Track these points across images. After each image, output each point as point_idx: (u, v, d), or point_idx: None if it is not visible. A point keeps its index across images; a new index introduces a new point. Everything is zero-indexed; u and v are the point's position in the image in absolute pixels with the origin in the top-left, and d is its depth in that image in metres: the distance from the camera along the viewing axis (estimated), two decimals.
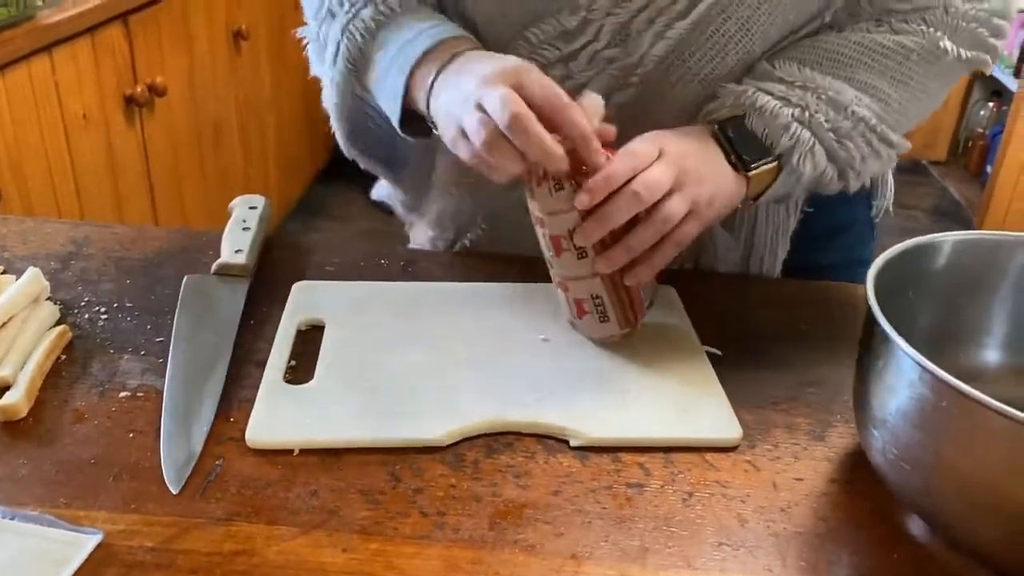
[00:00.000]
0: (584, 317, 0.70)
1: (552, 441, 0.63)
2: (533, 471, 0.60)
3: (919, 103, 0.77)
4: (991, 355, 0.63)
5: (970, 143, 3.70)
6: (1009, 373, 0.62)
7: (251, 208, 0.87)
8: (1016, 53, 3.13)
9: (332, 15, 0.78)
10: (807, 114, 0.72)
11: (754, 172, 0.71)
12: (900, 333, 0.51)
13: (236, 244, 0.81)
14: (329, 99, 0.84)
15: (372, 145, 0.88)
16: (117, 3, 1.78)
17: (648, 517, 0.57)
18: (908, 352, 0.49)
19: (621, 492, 0.59)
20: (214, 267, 0.79)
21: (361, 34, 0.76)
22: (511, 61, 0.66)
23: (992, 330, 0.62)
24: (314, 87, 0.89)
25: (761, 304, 0.81)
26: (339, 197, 3.18)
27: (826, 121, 0.72)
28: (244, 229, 0.84)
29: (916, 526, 0.57)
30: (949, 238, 0.60)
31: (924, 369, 0.48)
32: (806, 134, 0.71)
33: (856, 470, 0.61)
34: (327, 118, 0.88)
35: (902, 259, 0.58)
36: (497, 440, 0.63)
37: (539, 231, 0.68)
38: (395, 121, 0.75)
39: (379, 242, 3.00)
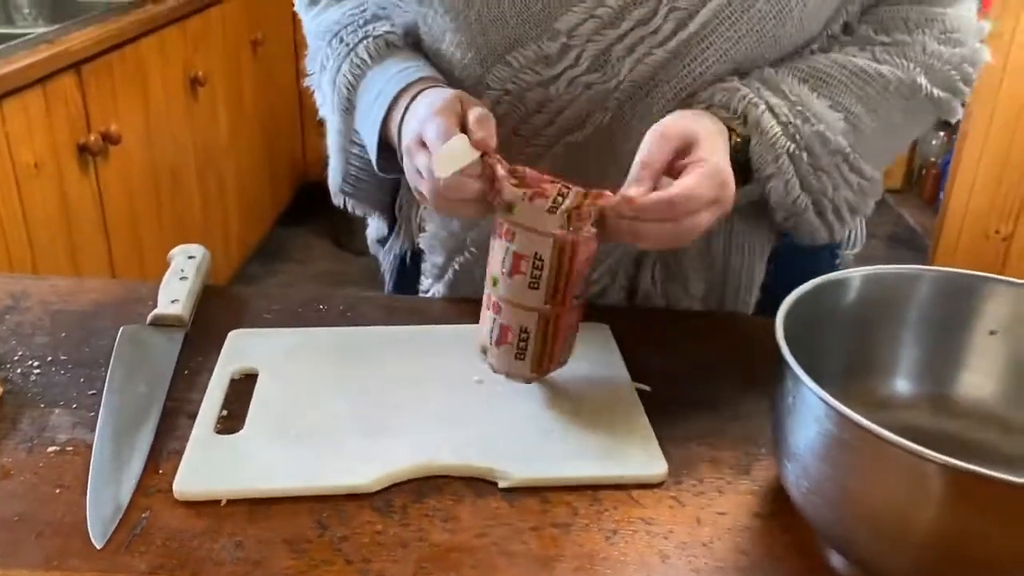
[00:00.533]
0: (502, 346, 0.69)
1: (481, 483, 0.63)
2: (461, 514, 0.61)
3: (887, 138, 0.79)
4: (902, 385, 0.64)
5: (923, 171, 3.78)
6: (920, 402, 0.64)
7: (189, 258, 0.88)
8: None
9: (324, 68, 0.86)
10: (798, 150, 0.74)
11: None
12: (813, 368, 0.52)
13: (173, 294, 0.82)
14: (333, 143, 0.90)
15: (365, 188, 0.92)
16: (69, 53, 1.79)
17: (573, 556, 0.57)
18: (812, 388, 0.51)
19: (547, 532, 0.59)
20: (150, 318, 0.79)
21: (346, 87, 0.83)
22: (445, 96, 0.71)
23: (902, 360, 0.64)
24: (272, 131, 0.94)
25: (690, 338, 0.82)
26: (300, 240, 3.18)
27: (808, 156, 0.75)
28: (181, 279, 0.84)
29: (835, 559, 0.58)
30: (857, 274, 0.62)
31: (827, 404, 0.50)
32: (789, 167, 0.74)
33: (779, 503, 0.62)
34: (288, 161, 0.93)
35: (814, 295, 0.60)
36: (426, 484, 0.63)
37: (500, 243, 0.67)
38: (374, 163, 0.82)
39: (338, 284, 2.98)
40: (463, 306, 0.86)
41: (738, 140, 0.74)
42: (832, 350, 0.62)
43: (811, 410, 0.52)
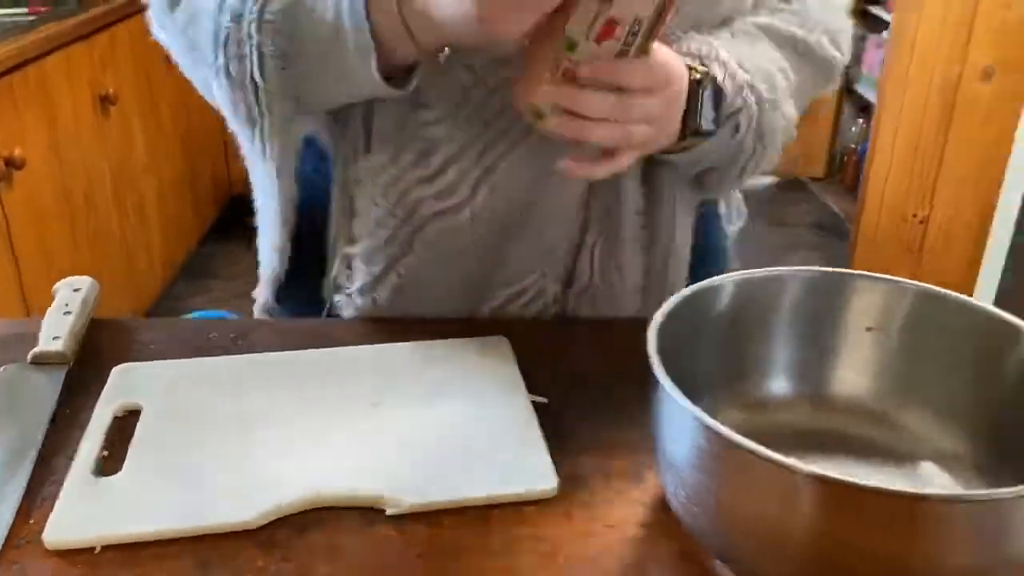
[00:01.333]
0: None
1: (370, 512, 0.62)
2: (347, 546, 0.59)
3: (800, 95, 0.82)
4: (781, 386, 0.65)
5: (844, 158, 3.87)
6: (800, 401, 0.65)
7: (75, 291, 0.85)
8: (878, 70, 3.30)
9: (238, 20, 0.71)
10: (755, 81, 0.76)
11: (692, 139, 0.75)
12: (691, 375, 0.52)
13: (54, 330, 0.79)
14: (270, 136, 0.76)
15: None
16: None
17: None
18: (679, 400, 0.51)
19: (435, 558, 0.58)
20: (30, 356, 0.77)
21: (276, 14, 0.70)
22: None
23: (779, 361, 0.65)
24: (193, 146, 0.88)
25: (593, 347, 0.82)
26: (226, 257, 3.13)
27: (767, 91, 0.76)
28: (65, 313, 0.82)
29: (721, 567, 0.58)
30: (729, 279, 0.62)
31: (695, 416, 0.50)
32: (752, 100, 0.75)
33: (666, 512, 0.62)
34: (211, 175, 0.86)
35: (687, 304, 0.60)
36: (312, 516, 0.62)
37: (590, 13, 0.60)
38: (373, 70, 0.69)
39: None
40: (358, 327, 0.85)
41: (698, 77, 0.73)
42: (710, 356, 0.62)
43: (681, 422, 0.52)
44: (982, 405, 0.61)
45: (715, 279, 0.61)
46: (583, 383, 0.77)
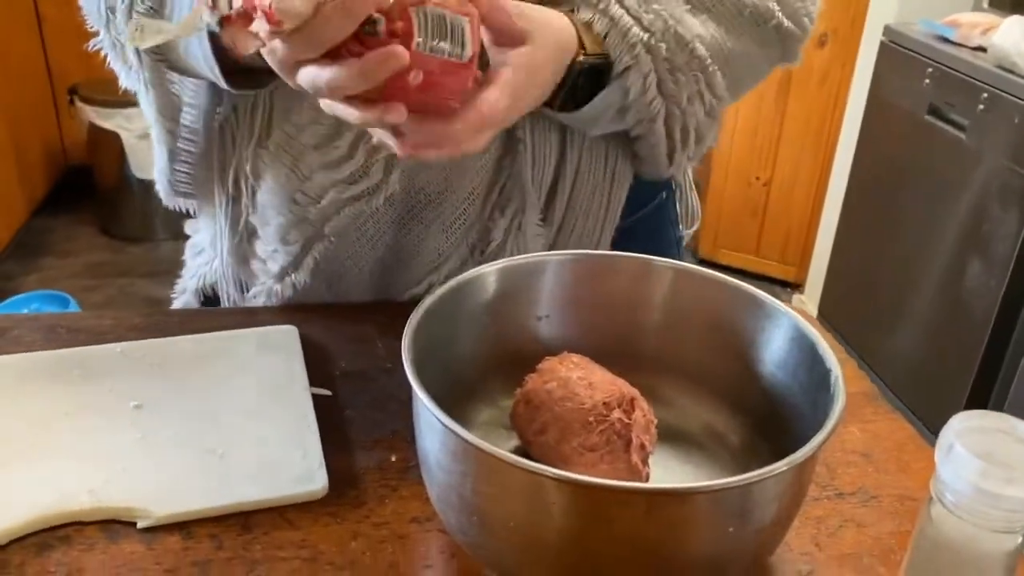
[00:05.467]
0: None
1: (119, 525, 0.58)
2: (88, 565, 0.55)
3: (739, 64, 0.77)
4: None
5: None
6: None
7: None
8: None
9: (112, 11, 0.73)
10: (653, 40, 0.71)
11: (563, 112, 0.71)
12: (450, 368, 0.50)
13: None
14: (154, 126, 0.80)
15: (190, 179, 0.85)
16: None
17: None
18: (424, 399, 0.49)
19: (185, 573, 0.55)
20: None
21: (149, 6, 0.70)
22: None
23: (551, 341, 0.63)
24: (18, 112, 0.81)
25: (381, 334, 0.80)
26: (62, 231, 2.94)
27: (667, 51, 0.71)
28: None
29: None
30: (492, 267, 0.61)
31: (435, 416, 0.48)
32: (647, 59, 0.71)
33: None
34: (42, 144, 0.82)
35: (448, 298, 0.58)
36: (53, 534, 0.57)
37: None
38: (216, 70, 0.67)
39: (108, 275, 2.75)
40: (119, 320, 0.79)
41: (596, 37, 0.69)
42: (482, 343, 0.61)
43: (426, 421, 0.50)
44: (744, 380, 0.62)
45: (476, 270, 0.59)
46: (376, 369, 0.75)
